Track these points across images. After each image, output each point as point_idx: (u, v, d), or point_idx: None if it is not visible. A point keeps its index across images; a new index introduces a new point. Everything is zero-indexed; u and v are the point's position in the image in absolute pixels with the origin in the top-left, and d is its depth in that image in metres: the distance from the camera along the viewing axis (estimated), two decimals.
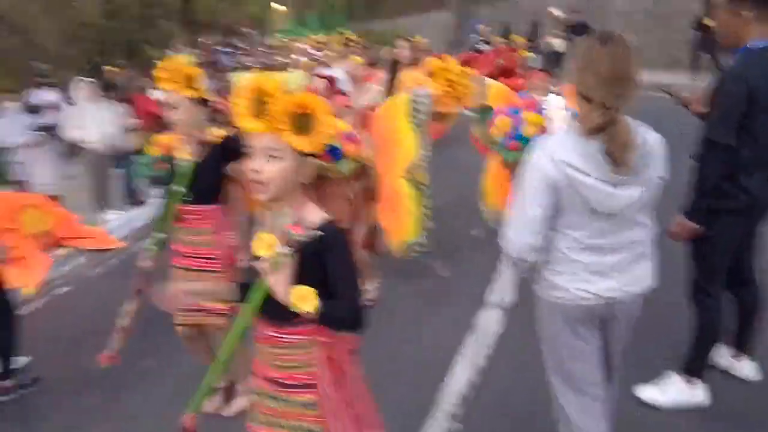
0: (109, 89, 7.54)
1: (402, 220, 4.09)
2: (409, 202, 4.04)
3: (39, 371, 3.68)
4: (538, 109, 3.96)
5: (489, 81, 4.86)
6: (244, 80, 2.02)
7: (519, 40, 7.55)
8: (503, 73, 6.44)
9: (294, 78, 1.65)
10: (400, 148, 4.03)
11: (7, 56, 18.67)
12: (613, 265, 2.02)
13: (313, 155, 1.63)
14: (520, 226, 2.00)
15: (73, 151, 7.43)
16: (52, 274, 5.24)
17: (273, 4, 35.01)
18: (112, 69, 12.75)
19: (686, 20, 14.20)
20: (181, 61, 2.84)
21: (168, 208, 2.86)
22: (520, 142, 3.99)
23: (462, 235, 5.35)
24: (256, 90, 1.55)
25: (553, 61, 17.30)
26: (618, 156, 1.85)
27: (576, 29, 16.70)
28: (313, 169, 1.66)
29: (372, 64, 13.32)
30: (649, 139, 1.94)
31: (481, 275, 4.63)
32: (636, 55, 1.84)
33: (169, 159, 2.87)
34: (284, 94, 1.55)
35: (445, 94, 4.66)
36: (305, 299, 1.58)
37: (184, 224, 2.91)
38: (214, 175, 2.86)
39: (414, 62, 9.80)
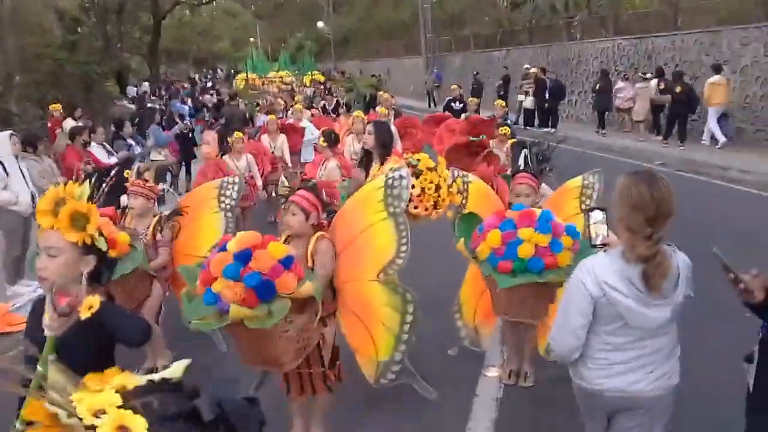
0: (32, 143, 6.64)
1: (374, 334, 3.30)
2: (383, 311, 3.27)
3: None
4: (542, 225, 3.29)
5: (470, 177, 4.17)
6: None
7: (505, 131, 6.96)
8: (483, 154, 5.80)
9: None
10: (372, 246, 3.27)
11: None
12: (641, 365, 2.23)
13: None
14: (564, 332, 2.29)
15: None
16: None
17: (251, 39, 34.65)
18: (55, 108, 11.68)
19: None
20: (69, 192, 2.04)
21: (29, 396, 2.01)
22: (513, 263, 3.31)
23: (422, 353, 4.43)
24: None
25: (527, 121, 17.09)
26: (655, 283, 2.10)
27: (547, 87, 16.60)
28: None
29: (334, 110, 12.82)
30: (678, 262, 2.17)
31: (445, 423, 3.72)
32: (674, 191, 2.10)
33: None
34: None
35: (425, 196, 3.96)
36: None
37: None
38: (81, 362, 2.02)
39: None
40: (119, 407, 1.11)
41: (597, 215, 2.53)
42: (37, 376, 1.93)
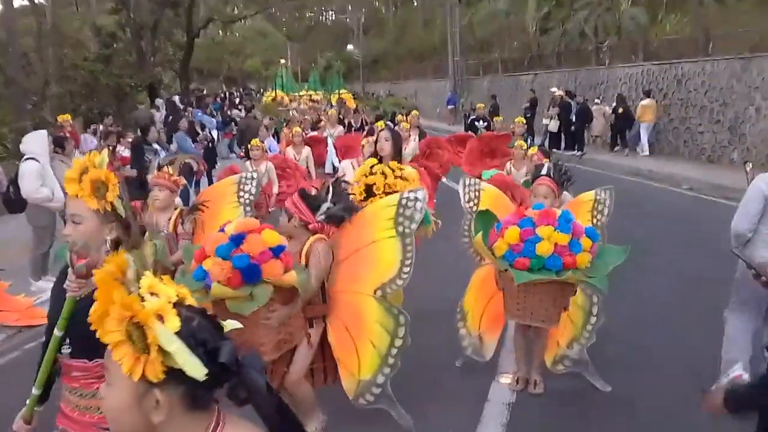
0: (60, 143, 6.83)
1: (360, 349, 3.26)
2: (373, 329, 3.23)
3: None
4: (562, 224, 3.26)
5: (483, 185, 4.19)
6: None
7: (522, 144, 6.92)
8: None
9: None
10: (375, 262, 3.28)
11: None
12: None
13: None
14: (743, 217, 3.42)
15: (13, 206, 6.60)
16: None
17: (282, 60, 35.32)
18: (65, 119, 11.13)
19: None
20: (91, 161, 2.09)
21: (46, 358, 2.05)
22: (531, 260, 3.26)
23: (434, 361, 4.31)
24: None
25: (553, 143, 17.03)
26: None
27: (572, 111, 16.56)
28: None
29: (360, 128, 12.89)
30: None
31: (455, 426, 3.63)
32: None
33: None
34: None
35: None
36: None
37: (69, 382, 2.09)
38: None
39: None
40: (170, 302, 1.14)
41: (749, 166, 3.91)
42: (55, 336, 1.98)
